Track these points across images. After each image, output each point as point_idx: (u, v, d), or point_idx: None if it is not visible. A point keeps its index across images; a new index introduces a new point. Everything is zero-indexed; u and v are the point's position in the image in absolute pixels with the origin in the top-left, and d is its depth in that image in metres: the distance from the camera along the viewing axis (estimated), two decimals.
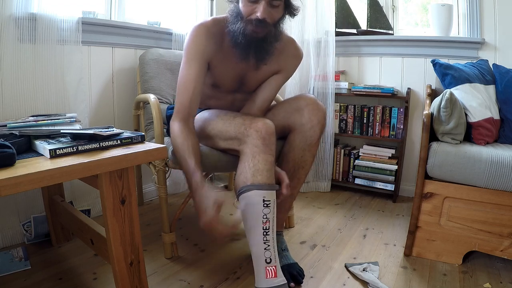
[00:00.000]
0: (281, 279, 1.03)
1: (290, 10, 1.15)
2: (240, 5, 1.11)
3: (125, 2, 1.84)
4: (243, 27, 1.10)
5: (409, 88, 2.07)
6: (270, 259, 1.02)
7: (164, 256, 1.37)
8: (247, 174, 1.05)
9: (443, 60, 1.69)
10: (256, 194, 1.03)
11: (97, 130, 0.99)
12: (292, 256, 1.30)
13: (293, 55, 1.31)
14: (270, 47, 1.17)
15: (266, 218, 1.03)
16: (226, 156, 1.21)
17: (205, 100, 1.35)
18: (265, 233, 1.03)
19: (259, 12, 1.07)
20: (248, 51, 1.15)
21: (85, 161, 0.82)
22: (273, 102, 1.44)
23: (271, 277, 1.01)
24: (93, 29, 1.61)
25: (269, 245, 1.03)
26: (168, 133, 1.39)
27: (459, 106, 1.38)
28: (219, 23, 1.19)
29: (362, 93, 2.11)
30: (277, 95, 1.69)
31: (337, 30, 2.20)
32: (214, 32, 1.18)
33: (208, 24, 1.18)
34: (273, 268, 1.02)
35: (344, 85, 2.18)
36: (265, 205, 1.03)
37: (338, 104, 2.23)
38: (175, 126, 1.15)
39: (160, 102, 1.48)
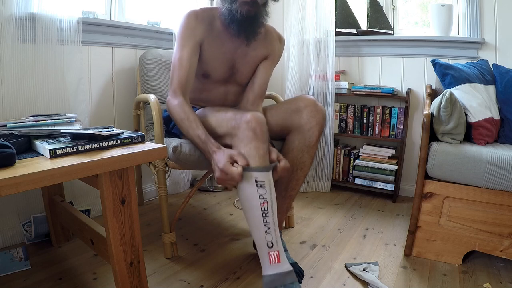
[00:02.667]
0: (286, 266, 1.01)
1: None
2: None
3: (125, 2, 1.84)
4: (238, 6, 1.20)
5: (409, 88, 2.07)
6: (272, 243, 1.01)
7: (164, 256, 1.37)
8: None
9: (443, 60, 1.69)
10: (247, 176, 1.03)
11: (97, 130, 0.99)
12: (292, 256, 1.30)
13: (277, 38, 1.41)
14: (260, 25, 1.27)
15: (263, 198, 1.02)
16: None
17: (198, 95, 1.38)
18: (264, 215, 1.02)
19: None
20: (241, 29, 1.23)
21: (85, 161, 0.82)
22: (273, 102, 1.44)
23: (275, 263, 0.99)
24: (93, 29, 1.61)
25: (269, 228, 1.01)
26: (167, 134, 1.39)
27: (459, 106, 1.38)
28: (207, 10, 1.31)
29: (362, 93, 2.11)
30: (277, 95, 1.69)
31: (337, 30, 2.20)
32: (203, 17, 1.28)
33: (197, 10, 1.29)
34: (276, 253, 1.00)
35: (344, 85, 2.18)
36: (258, 185, 1.03)
37: (338, 104, 2.23)
38: (176, 101, 1.21)
39: (160, 102, 1.47)
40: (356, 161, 2.17)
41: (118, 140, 0.97)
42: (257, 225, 1.03)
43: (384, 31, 2.20)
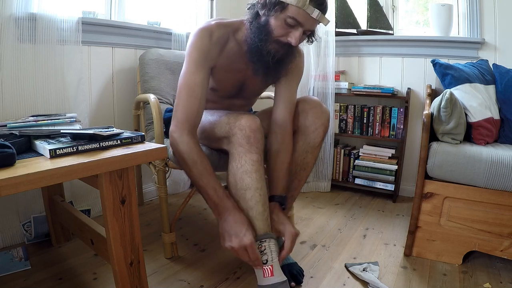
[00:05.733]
0: (279, 278, 1.03)
1: (311, 38, 1.16)
2: (273, 22, 1.05)
3: (125, 2, 1.84)
4: (268, 45, 1.09)
5: (409, 88, 2.07)
6: (267, 260, 1.03)
7: (164, 256, 1.37)
8: (236, 177, 1.06)
9: (443, 60, 1.69)
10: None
11: (97, 130, 0.99)
12: (292, 256, 1.30)
13: (296, 56, 1.26)
14: (286, 66, 1.18)
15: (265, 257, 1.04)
16: (226, 155, 1.21)
17: None
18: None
19: (293, 39, 1.05)
20: (262, 70, 1.14)
21: (85, 161, 0.82)
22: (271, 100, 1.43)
23: (269, 276, 1.03)
24: (93, 29, 1.61)
25: (264, 251, 1.04)
26: (166, 135, 1.39)
27: (459, 106, 1.38)
28: (223, 27, 1.15)
29: (362, 93, 2.11)
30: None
31: (337, 30, 2.20)
32: (218, 37, 1.14)
33: (212, 28, 1.13)
34: (269, 268, 1.03)
35: (344, 85, 2.18)
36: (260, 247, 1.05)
37: (338, 104, 2.23)
38: (184, 138, 1.07)
39: (160, 102, 1.47)
40: (356, 161, 2.17)
41: (118, 140, 0.97)
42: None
43: (384, 31, 2.20)
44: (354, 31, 2.27)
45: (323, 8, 1.05)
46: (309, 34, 1.13)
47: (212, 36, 1.13)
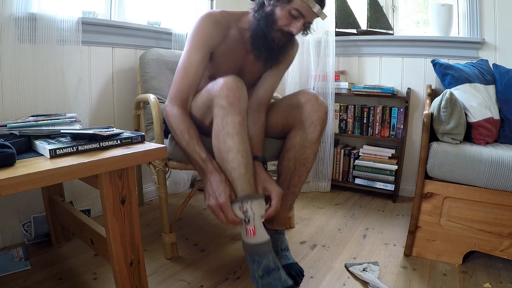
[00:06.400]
0: (261, 238, 1.04)
1: (307, 31, 1.25)
2: (278, 12, 1.14)
3: (125, 2, 1.84)
4: (272, 32, 1.17)
5: (409, 88, 2.07)
6: (249, 220, 1.04)
7: (164, 256, 1.37)
8: (218, 139, 1.07)
9: (443, 60, 1.69)
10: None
11: (97, 130, 0.99)
12: (292, 256, 1.30)
13: (291, 47, 1.34)
14: (285, 53, 1.27)
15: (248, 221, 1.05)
16: None
17: None
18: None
19: (295, 29, 1.15)
20: (265, 55, 1.22)
21: (85, 161, 0.82)
22: (272, 100, 1.44)
23: (251, 235, 1.04)
24: (93, 29, 1.61)
25: (246, 212, 1.05)
26: (166, 134, 1.39)
27: (459, 106, 1.38)
28: (227, 16, 1.24)
29: (362, 93, 2.11)
30: (277, 94, 1.70)
31: (337, 30, 2.20)
32: (222, 24, 1.22)
33: (217, 15, 1.22)
34: (252, 228, 1.04)
35: (344, 85, 2.18)
36: (242, 209, 1.05)
37: (338, 104, 2.23)
38: (174, 111, 1.16)
39: (160, 102, 1.47)
40: (356, 161, 2.17)
41: (118, 140, 0.97)
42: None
43: (384, 31, 2.20)
44: (354, 31, 2.27)
45: (322, 4, 1.16)
46: (306, 27, 1.22)
47: (216, 22, 1.21)
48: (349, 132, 2.23)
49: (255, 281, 1.02)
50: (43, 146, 0.88)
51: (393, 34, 2.21)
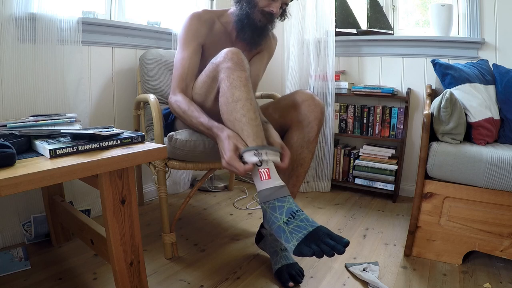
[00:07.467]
0: (278, 182, 1.02)
1: (284, 16, 1.41)
2: None
3: (125, 2, 1.85)
4: (254, 14, 1.31)
5: (409, 88, 2.07)
6: (261, 162, 1.02)
7: (164, 256, 1.37)
8: (227, 95, 1.09)
9: (443, 60, 1.69)
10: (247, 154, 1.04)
11: (97, 130, 0.99)
12: (292, 256, 1.30)
13: (271, 36, 1.49)
14: (267, 35, 1.39)
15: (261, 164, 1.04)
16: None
17: None
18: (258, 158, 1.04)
19: (274, 8, 1.30)
20: (249, 34, 1.34)
21: (85, 161, 0.82)
22: (270, 100, 1.44)
23: (266, 179, 1.02)
24: (93, 29, 1.61)
25: (259, 155, 1.03)
26: (165, 132, 1.39)
27: (459, 106, 1.38)
28: (210, 13, 1.39)
29: (362, 93, 2.11)
30: (277, 94, 1.70)
31: (337, 30, 2.20)
32: (206, 19, 1.36)
33: (200, 13, 1.36)
34: (266, 170, 1.02)
35: (344, 85, 2.18)
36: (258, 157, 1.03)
37: (338, 104, 2.23)
38: (178, 96, 1.25)
39: (160, 102, 1.48)
40: (356, 161, 2.17)
41: (118, 140, 0.97)
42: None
43: (384, 31, 2.20)
44: (354, 31, 2.27)
45: None
46: (282, 12, 1.38)
47: (200, 19, 1.35)
48: (349, 132, 2.23)
49: (280, 231, 0.96)
50: (43, 146, 0.88)
51: (393, 34, 2.21)
